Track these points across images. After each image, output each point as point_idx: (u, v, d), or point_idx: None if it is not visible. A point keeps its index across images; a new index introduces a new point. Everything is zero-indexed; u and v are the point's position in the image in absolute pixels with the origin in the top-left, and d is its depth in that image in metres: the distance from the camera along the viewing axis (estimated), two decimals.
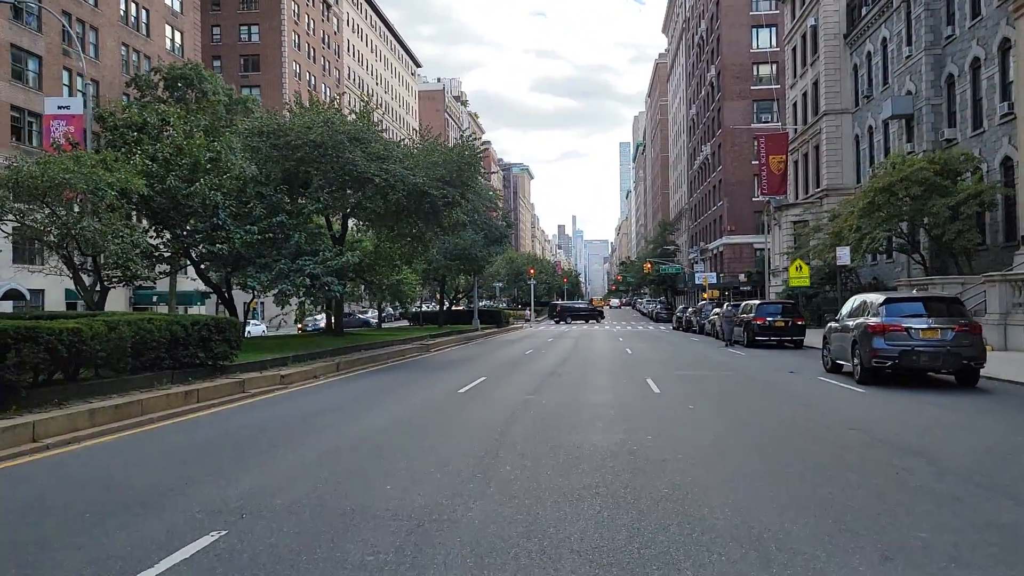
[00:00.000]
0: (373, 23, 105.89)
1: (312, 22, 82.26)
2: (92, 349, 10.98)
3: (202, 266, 23.46)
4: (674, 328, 55.68)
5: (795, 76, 54.93)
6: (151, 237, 21.72)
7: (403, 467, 7.92)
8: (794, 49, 55.00)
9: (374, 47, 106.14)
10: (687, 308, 57.15)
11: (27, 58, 43.32)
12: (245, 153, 22.07)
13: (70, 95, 46.65)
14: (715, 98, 77.86)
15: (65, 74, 46.04)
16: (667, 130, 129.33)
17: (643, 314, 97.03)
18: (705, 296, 67.50)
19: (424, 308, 61.62)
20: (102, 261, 17.76)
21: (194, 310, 46.41)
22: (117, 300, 50.16)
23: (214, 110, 27.73)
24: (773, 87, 70.89)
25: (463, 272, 45.15)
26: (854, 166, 46.79)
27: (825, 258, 37.36)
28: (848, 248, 27.93)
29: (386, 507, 6.28)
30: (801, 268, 31.98)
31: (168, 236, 21.56)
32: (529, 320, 76.46)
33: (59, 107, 22.70)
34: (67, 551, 5.26)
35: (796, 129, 54.19)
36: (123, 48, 50.94)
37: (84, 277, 18.82)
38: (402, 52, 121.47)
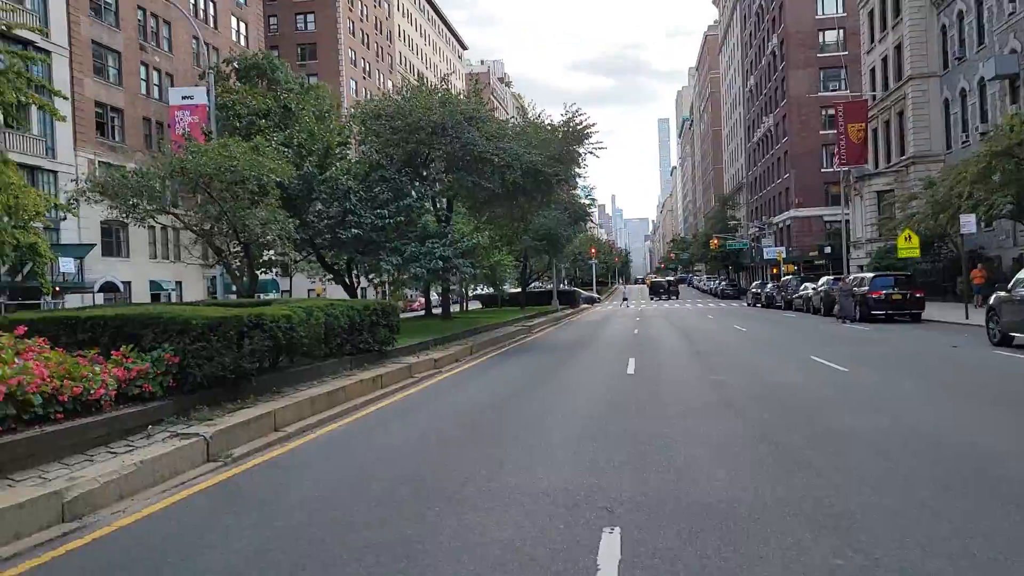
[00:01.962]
0: (422, 7, 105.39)
1: (365, 8, 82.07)
2: (299, 336, 10.80)
3: (321, 251, 23.34)
4: (750, 304, 54.55)
5: (872, 41, 53.03)
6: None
7: (696, 453, 7.54)
8: (871, 12, 53.04)
9: (423, 31, 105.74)
10: (764, 283, 55.91)
11: (107, 54, 43.79)
12: (368, 137, 21.84)
13: (147, 90, 47.23)
14: (778, 67, 75.82)
15: (142, 68, 46.50)
16: (719, 103, 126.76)
17: (703, 291, 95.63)
18: (775, 271, 66.15)
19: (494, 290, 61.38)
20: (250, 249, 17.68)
21: (268, 296, 46.89)
22: (197, 289, 50.97)
23: (317, 95, 27.57)
24: (841, 54, 68.69)
25: (545, 252, 44.71)
26: (943, 132, 45.03)
27: (921, 227, 35.99)
28: (972, 216, 26.77)
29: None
30: (911, 238, 30.81)
31: (297, 222, 21.53)
32: (597, 300, 75.70)
33: (183, 97, 22.79)
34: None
35: (875, 96, 52.39)
36: (193, 41, 51.26)
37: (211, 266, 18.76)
38: (449, 35, 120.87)
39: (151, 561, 5.03)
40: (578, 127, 24.89)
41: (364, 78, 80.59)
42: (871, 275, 29.76)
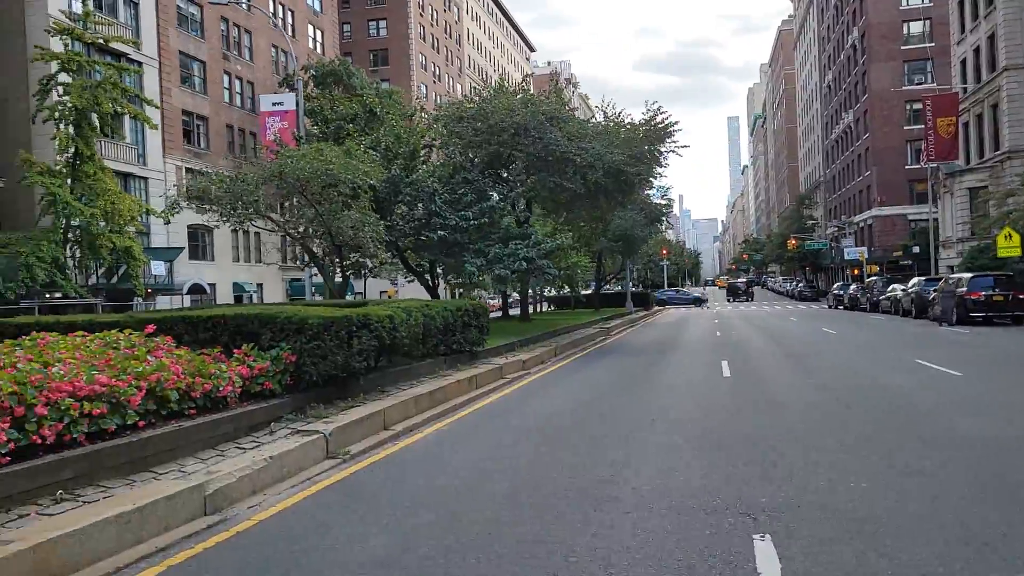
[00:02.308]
0: (490, 10, 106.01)
1: (435, 13, 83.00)
2: (400, 336, 10.89)
3: (406, 253, 23.67)
4: (831, 307, 52.87)
5: (963, 31, 50.73)
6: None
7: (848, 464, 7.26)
8: (960, 1, 50.76)
9: (491, 34, 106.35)
10: (847, 285, 54.10)
11: (193, 64, 45.45)
12: (451, 139, 22.02)
13: (229, 98, 48.83)
14: (858, 61, 73.34)
15: (225, 77, 48.06)
16: (794, 100, 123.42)
17: (779, 293, 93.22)
18: (855, 272, 63.95)
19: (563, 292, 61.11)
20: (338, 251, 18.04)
21: (348, 298, 47.87)
22: (276, 291, 52.45)
23: (396, 99, 27.94)
24: (927, 45, 65.95)
25: (619, 253, 44.29)
26: None
27: (1020, 225, 34.14)
28: None
29: None
30: (1011, 236, 29.34)
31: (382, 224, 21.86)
32: (705, 300, 74.40)
33: (273, 104, 23.43)
34: None
35: (965, 88, 50.10)
36: (272, 49, 52.73)
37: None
38: (517, 38, 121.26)
39: (297, 555, 5.09)
40: (659, 125, 24.55)
41: (434, 82, 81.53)
42: (969, 275, 28.39)
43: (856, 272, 63.69)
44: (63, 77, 31.64)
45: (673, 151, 24.90)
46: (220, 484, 6.31)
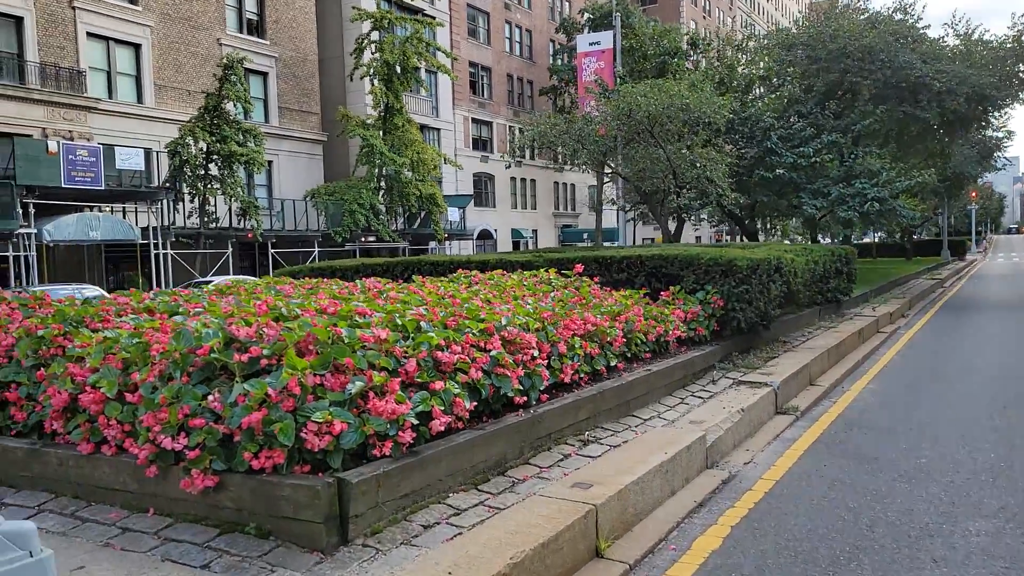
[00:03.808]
0: None
1: None
2: (798, 283, 9.87)
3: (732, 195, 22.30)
4: None
5: None
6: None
7: None
8: None
9: None
10: None
11: (478, 16, 46.94)
12: (787, 68, 20.18)
13: (509, 47, 49.99)
14: None
15: (506, 27, 49.16)
16: None
17: None
18: None
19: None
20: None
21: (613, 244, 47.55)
22: (549, 236, 53.68)
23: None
24: None
25: (942, 195, 39.02)
26: None
27: None
28: None
29: None
30: None
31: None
32: (972, 250, 65.36)
33: (590, 44, 23.05)
34: None
35: None
36: None
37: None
38: None
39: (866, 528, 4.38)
40: None
41: (704, 17, 77.48)
42: None
43: None
44: (375, 35, 34.14)
45: None
46: (714, 436, 5.83)
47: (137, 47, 28.84)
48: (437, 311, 4.92)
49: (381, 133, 33.73)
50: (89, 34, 27.30)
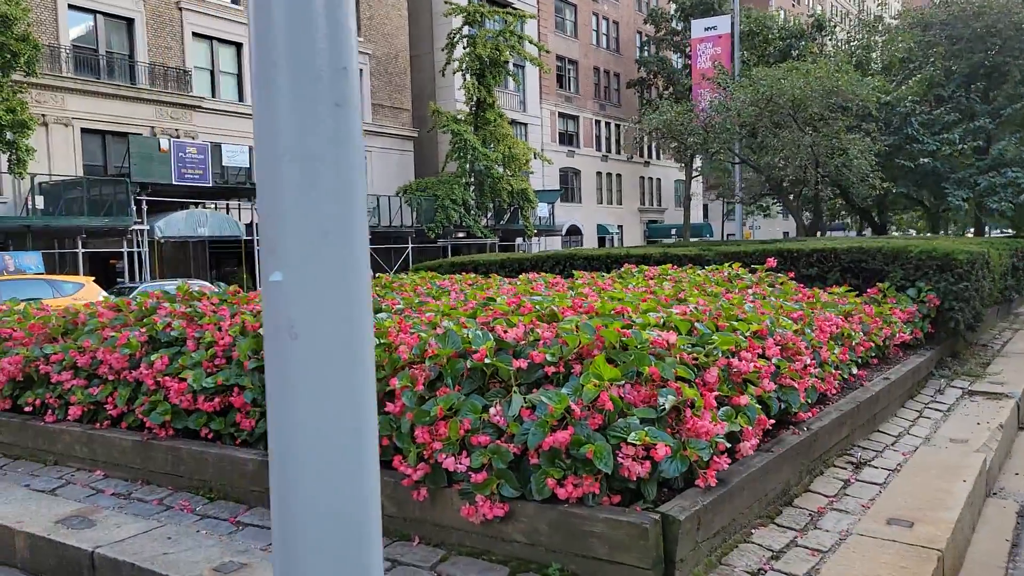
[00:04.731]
0: None
1: None
2: (995, 279, 8.82)
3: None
4: None
5: None
6: None
7: None
8: None
9: None
10: None
11: (565, 8, 46.20)
12: (929, 49, 18.77)
13: (596, 40, 49.08)
14: None
15: (593, 19, 48.27)
16: None
17: None
18: None
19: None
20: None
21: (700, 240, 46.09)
22: (635, 233, 52.59)
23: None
24: None
25: None
26: None
27: None
28: None
29: None
30: None
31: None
32: None
33: (705, 28, 22.11)
34: None
35: None
36: None
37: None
38: None
39: None
40: None
41: (794, 5, 74.66)
42: None
43: None
44: (466, 30, 33.83)
45: None
46: (988, 458, 5.01)
47: (239, 46, 29.22)
48: (705, 309, 4.27)
49: (472, 128, 33.43)
50: (194, 34, 27.78)
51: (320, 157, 1.42)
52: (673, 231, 49.99)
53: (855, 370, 5.48)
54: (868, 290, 7.26)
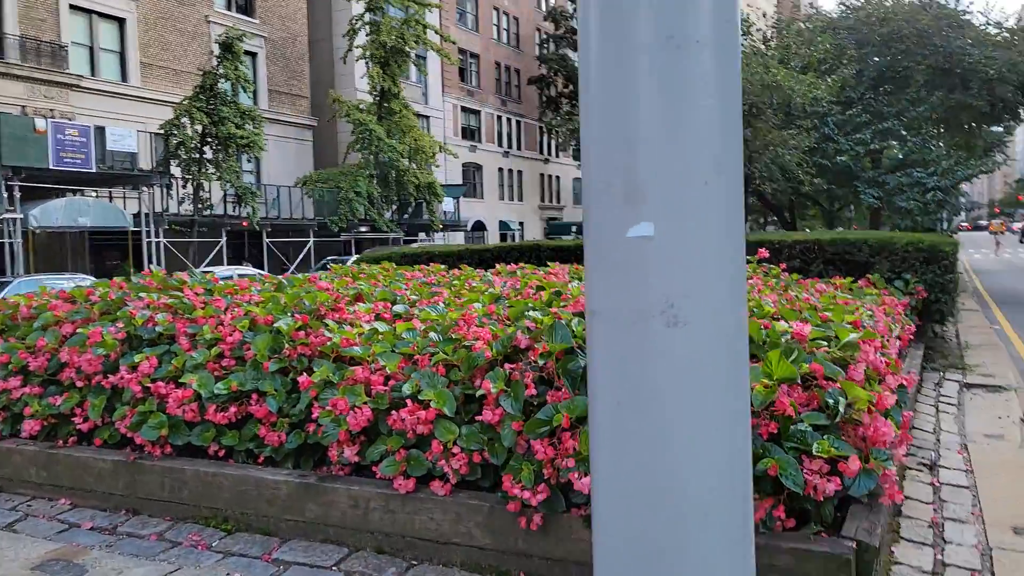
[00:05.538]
0: None
1: None
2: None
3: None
4: None
5: None
6: None
7: None
8: None
9: None
10: None
11: (467, 1, 45.59)
12: (844, 51, 19.38)
13: (497, 35, 48.75)
14: None
15: (493, 13, 47.89)
16: None
17: None
18: None
19: None
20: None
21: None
22: (536, 229, 52.71)
23: None
24: None
25: None
26: None
27: None
28: None
29: None
30: None
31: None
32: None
33: None
34: None
35: None
36: None
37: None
38: None
39: None
40: None
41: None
42: None
43: None
44: (368, 16, 32.58)
45: None
46: None
47: (121, 21, 26.88)
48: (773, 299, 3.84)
49: (376, 119, 32.26)
50: (71, 6, 25.28)
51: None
52: (573, 228, 50.39)
53: None
54: (860, 281, 7.13)
